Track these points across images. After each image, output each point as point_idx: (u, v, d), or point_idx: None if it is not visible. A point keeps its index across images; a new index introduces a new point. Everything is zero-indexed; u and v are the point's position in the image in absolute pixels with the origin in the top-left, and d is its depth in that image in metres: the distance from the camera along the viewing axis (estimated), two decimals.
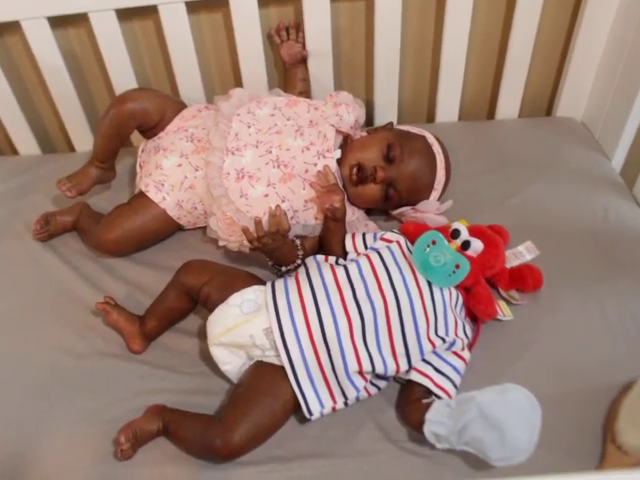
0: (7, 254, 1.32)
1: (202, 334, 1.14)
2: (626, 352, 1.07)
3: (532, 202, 1.34)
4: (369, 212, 1.31)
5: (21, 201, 1.43)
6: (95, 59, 1.47)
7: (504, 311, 1.12)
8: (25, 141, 1.56)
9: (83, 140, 1.56)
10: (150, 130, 1.30)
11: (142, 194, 1.27)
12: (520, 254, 1.20)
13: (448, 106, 1.54)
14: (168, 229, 1.30)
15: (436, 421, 0.92)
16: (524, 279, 1.15)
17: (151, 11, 1.36)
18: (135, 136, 1.35)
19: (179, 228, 1.32)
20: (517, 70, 1.48)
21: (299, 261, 1.15)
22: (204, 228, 1.31)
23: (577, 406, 1.00)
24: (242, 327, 1.01)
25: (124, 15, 1.36)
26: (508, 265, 1.17)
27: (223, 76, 1.51)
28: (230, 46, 1.45)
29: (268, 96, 1.30)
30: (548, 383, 1.02)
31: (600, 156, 1.45)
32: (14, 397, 1.08)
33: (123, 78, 1.43)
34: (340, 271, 1.04)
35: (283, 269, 1.15)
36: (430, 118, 1.60)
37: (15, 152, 1.61)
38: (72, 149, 1.61)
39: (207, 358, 1.09)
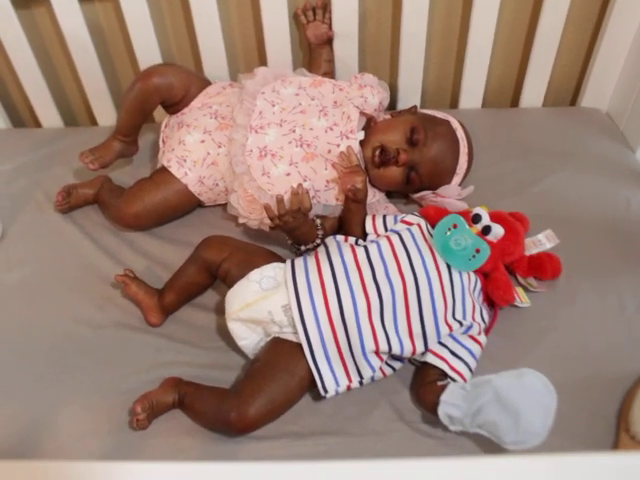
0: (28, 224, 1.33)
1: (220, 310, 1.16)
2: None
3: (554, 191, 1.33)
4: (389, 195, 1.31)
5: (43, 173, 1.44)
6: (121, 34, 1.47)
7: (522, 298, 1.12)
8: (48, 114, 1.57)
9: (106, 114, 1.56)
10: (174, 106, 1.31)
11: (164, 169, 1.27)
12: (540, 242, 1.19)
13: (472, 92, 1.53)
14: (189, 205, 1.30)
15: (451, 403, 0.93)
16: (543, 267, 1.15)
17: None
18: (157, 112, 1.35)
19: (199, 204, 1.33)
20: (543, 58, 1.46)
21: (319, 241, 1.15)
22: (224, 205, 1.31)
23: (592, 394, 1.01)
24: (261, 303, 1.01)
25: None
26: (527, 253, 1.17)
27: (247, 55, 1.51)
28: (256, 25, 1.45)
29: (293, 76, 1.30)
30: (564, 371, 1.01)
31: (624, 148, 1.43)
32: (32, 365, 1.09)
33: (148, 54, 1.43)
34: (360, 251, 1.04)
35: (302, 248, 1.16)
36: (454, 104, 1.59)
37: (38, 125, 1.62)
38: (94, 123, 1.62)
39: (224, 333, 1.10)
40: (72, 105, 1.63)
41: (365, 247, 1.06)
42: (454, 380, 0.98)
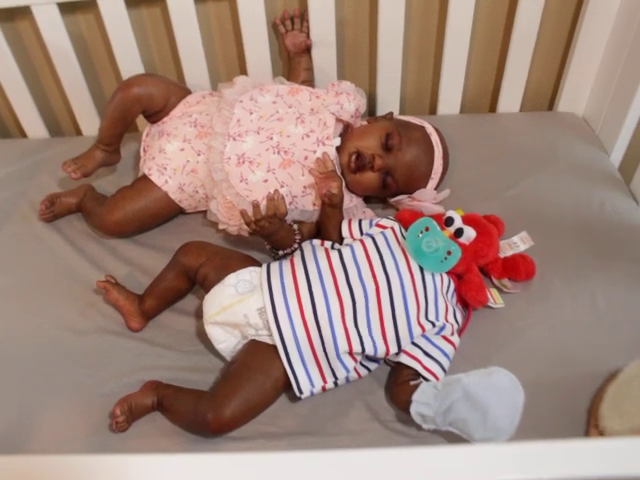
0: (12, 233, 1.36)
1: (199, 314, 1.17)
2: (614, 342, 1.08)
3: (529, 194, 1.35)
4: (367, 200, 1.33)
5: (28, 182, 1.46)
6: (103, 45, 1.50)
7: (495, 298, 1.14)
8: (34, 124, 1.60)
9: (90, 124, 1.59)
10: (155, 115, 1.33)
11: (145, 177, 1.30)
12: (514, 244, 1.22)
13: (450, 99, 1.55)
14: (169, 212, 1.33)
15: (422, 402, 0.94)
16: (517, 268, 1.17)
17: None
18: (140, 121, 1.38)
19: (180, 211, 1.35)
20: (519, 65, 1.49)
21: (296, 245, 1.17)
22: (205, 212, 1.33)
23: (563, 391, 1.02)
24: (237, 306, 1.03)
25: (132, 2, 1.39)
26: (502, 255, 1.19)
27: (228, 64, 1.54)
28: (236, 34, 1.48)
29: (271, 84, 1.32)
30: (536, 369, 1.03)
31: (599, 151, 1.46)
32: (15, 369, 1.11)
33: (130, 64, 1.45)
34: (334, 255, 1.07)
35: (280, 253, 1.18)
36: (432, 110, 1.61)
37: (24, 135, 1.64)
38: (79, 133, 1.64)
39: (203, 337, 1.12)
40: (57, 115, 1.66)
41: (339, 251, 1.08)
42: (427, 380, 1.00)
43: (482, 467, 0.57)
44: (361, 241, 1.09)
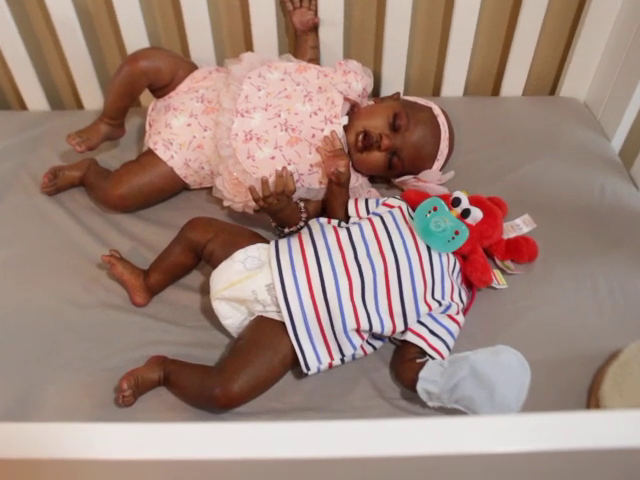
0: (14, 206, 1.34)
1: (204, 290, 1.18)
2: (614, 323, 1.11)
3: (531, 178, 1.37)
4: (372, 179, 1.34)
5: (29, 155, 1.44)
6: (108, 17, 1.47)
7: (499, 279, 1.15)
8: (34, 96, 1.57)
9: (92, 97, 1.57)
10: (161, 89, 1.32)
11: (150, 152, 1.29)
12: (517, 226, 1.23)
13: (454, 81, 1.56)
14: (174, 187, 1.32)
15: (429, 379, 0.96)
16: (520, 250, 1.18)
17: None
18: (143, 96, 1.36)
19: (185, 187, 1.34)
20: (524, 49, 1.50)
21: (302, 223, 1.17)
22: (209, 189, 1.33)
23: (565, 371, 1.04)
24: (245, 282, 1.04)
25: None
26: (505, 236, 1.21)
27: (234, 40, 1.52)
28: (243, 10, 1.46)
29: (279, 61, 1.31)
30: (538, 349, 1.05)
31: (600, 137, 1.47)
32: (18, 342, 1.10)
33: (135, 37, 1.43)
34: (343, 233, 1.07)
35: (286, 230, 1.18)
36: (436, 92, 1.62)
37: (24, 107, 1.62)
38: (80, 106, 1.62)
39: (208, 313, 1.12)
40: (58, 88, 1.63)
41: (347, 229, 1.08)
42: (432, 358, 1.01)
43: (485, 438, 0.58)
44: (369, 219, 1.10)
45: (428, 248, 1.06)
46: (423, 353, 1.03)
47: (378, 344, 1.08)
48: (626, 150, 1.44)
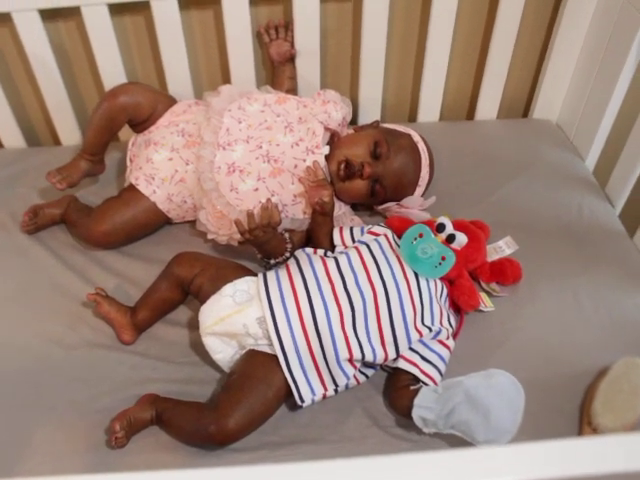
0: None
1: (192, 325, 1.17)
2: (601, 340, 1.13)
3: (510, 199, 1.40)
4: (354, 207, 1.35)
5: (7, 193, 1.42)
6: (84, 53, 1.47)
7: (486, 302, 1.17)
8: (10, 134, 1.55)
9: (70, 134, 1.56)
10: (141, 124, 1.32)
11: (132, 187, 1.28)
12: (500, 249, 1.25)
13: (430, 107, 1.59)
14: (157, 222, 1.31)
15: (424, 406, 0.96)
16: (504, 272, 1.20)
17: (143, 7, 1.37)
18: (122, 131, 1.35)
19: (167, 222, 1.34)
20: (497, 74, 1.54)
21: (288, 254, 1.18)
22: (192, 222, 1.33)
23: (556, 390, 1.06)
24: (235, 317, 1.03)
25: (115, 10, 1.38)
26: (489, 259, 1.22)
27: (211, 73, 1.54)
28: (219, 43, 1.48)
29: (258, 93, 1.32)
30: (527, 370, 1.05)
31: (574, 157, 1.51)
32: (3, 387, 1.08)
33: (112, 73, 1.43)
34: (331, 262, 1.07)
35: (272, 262, 1.18)
36: (412, 118, 1.65)
37: None
38: (57, 143, 1.61)
39: (198, 348, 1.11)
40: (35, 125, 1.62)
41: (335, 258, 1.09)
42: (425, 384, 1.02)
43: (484, 470, 0.58)
44: (356, 248, 1.10)
45: (415, 275, 1.07)
46: (416, 380, 1.03)
47: (370, 372, 1.08)
48: (600, 169, 1.48)
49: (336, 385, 1.03)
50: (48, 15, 1.38)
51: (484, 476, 0.57)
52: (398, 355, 1.04)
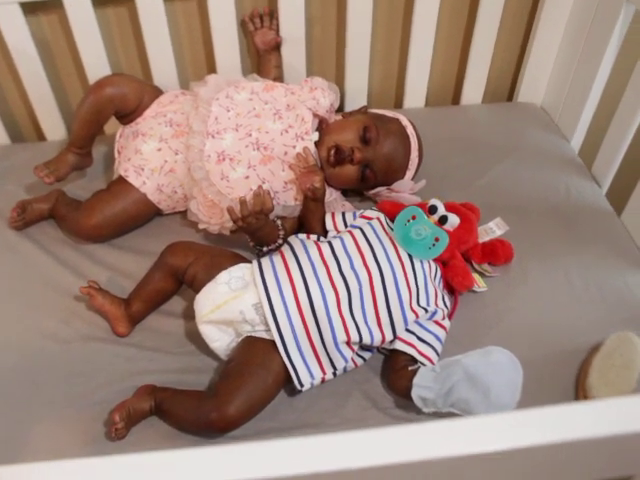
0: None
1: (187, 315, 1.16)
2: (592, 317, 1.15)
3: (498, 182, 1.41)
4: (345, 193, 1.35)
5: None
6: (67, 47, 1.45)
7: (479, 283, 1.18)
8: None
9: (54, 128, 1.54)
10: (127, 116, 1.31)
11: (121, 179, 1.27)
12: (491, 230, 1.26)
13: (416, 92, 1.59)
14: (148, 214, 1.31)
15: (423, 385, 0.97)
16: (496, 253, 1.21)
17: None
18: (107, 123, 1.34)
19: (157, 213, 1.33)
20: (481, 58, 1.55)
21: (280, 241, 1.17)
22: (183, 212, 1.32)
23: (550, 367, 1.07)
24: (231, 303, 1.03)
25: (98, 1, 1.36)
26: (480, 240, 1.23)
27: (196, 63, 1.53)
28: (204, 33, 1.47)
29: (245, 81, 1.32)
30: (521, 348, 1.05)
31: (560, 139, 1.53)
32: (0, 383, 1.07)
33: (96, 66, 1.42)
34: (325, 247, 1.08)
35: (265, 249, 1.18)
36: (398, 104, 1.65)
37: None
38: (41, 138, 1.59)
39: (193, 338, 1.11)
40: (18, 120, 1.60)
41: (329, 242, 1.09)
42: (423, 364, 1.03)
43: (480, 437, 0.59)
44: (349, 232, 1.11)
45: (410, 256, 1.08)
46: (413, 360, 1.04)
47: (367, 355, 1.08)
48: (585, 150, 1.50)
49: (334, 369, 1.03)
50: (30, 8, 1.36)
51: (481, 444, 0.58)
52: (395, 337, 1.05)
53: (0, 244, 1.29)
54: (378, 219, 1.14)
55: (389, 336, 1.05)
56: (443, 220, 1.12)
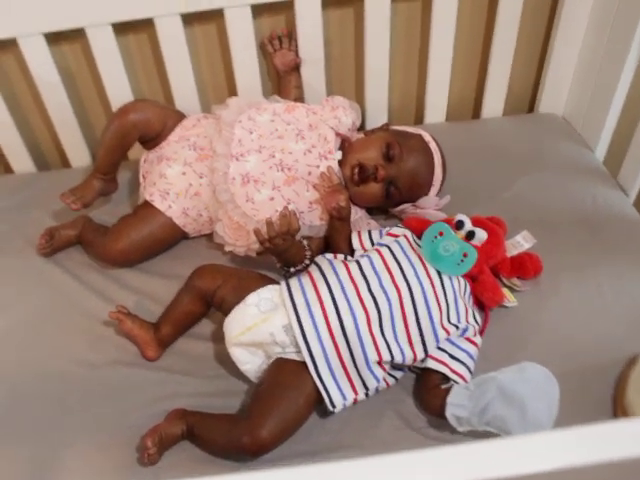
0: (11, 269, 1.32)
1: (216, 337, 1.16)
2: (626, 329, 1.13)
3: (524, 194, 1.40)
4: (370, 211, 1.35)
5: (20, 217, 1.42)
6: (90, 75, 1.48)
7: (509, 298, 1.16)
8: (20, 159, 1.56)
9: (79, 155, 1.56)
10: (151, 141, 1.32)
11: (147, 204, 1.28)
12: (518, 244, 1.24)
13: (436, 108, 1.59)
14: (174, 237, 1.31)
15: (457, 404, 0.95)
16: (525, 266, 1.20)
17: (146, 24, 1.38)
18: (130, 150, 1.36)
19: (184, 236, 1.34)
20: (500, 71, 1.54)
21: (307, 261, 1.17)
22: (208, 235, 1.33)
23: (586, 382, 1.05)
24: (261, 325, 1.03)
25: (119, 29, 1.38)
26: (508, 254, 1.22)
27: (217, 86, 1.54)
28: (224, 56, 1.48)
29: (266, 103, 1.33)
30: (556, 362, 1.03)
31: (583, 148, 1.51)
32: (30, 409, 1.08)
33: (119, 92, 1.44)
34: (353, 266, 1.07)
35: (292, 270, 1.17)
36: (418, 120, 1.65)
37: (8, 170, 1.60)
38: (66, 165, 1.61)
39: (223, 360, 1.11)
40: (43, 149, 1.62)
41: (357, 261, 1.08)
42: (456, 382, 1.01)
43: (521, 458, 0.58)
44: (377, 250, 1.10)
45: (438, 273, 1.07)
46: (446, 379, 1.02)
47: (399, 374, 1.07)
48: (610, 158, 1.48)
49: (367, 389, 1.03)
50: (53, 39, 1.38)
51: (521, 465, 0.57)
52: (426, 355, 1.04)
53: (29, 270, 1.31)
54: (405, 236, 1.14)
55: (420, 354, 1.04)
56: (470, 235, 1.11)
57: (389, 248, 1.10)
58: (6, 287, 1.29)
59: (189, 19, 1.40)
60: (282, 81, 1.47)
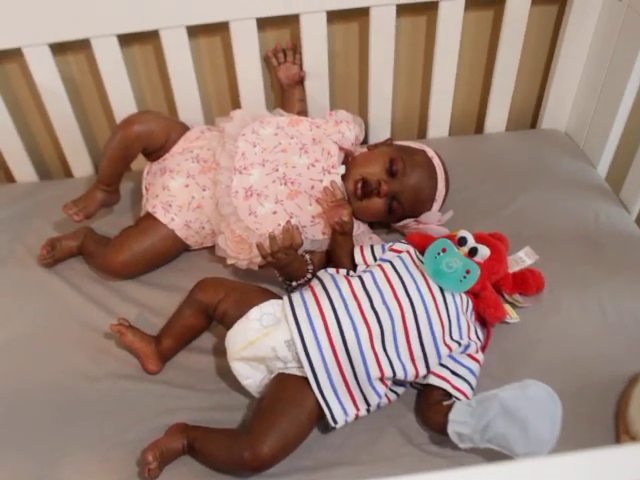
0: (11, 280, 1.31)
1: (217, 351, 1.16)
2: (628, 346, 1.13)
3: (526, 210, 1.40)
4: (372, 226, 1.35)
5: (22, 227, 1.42)
6: (94, 85, 1.48)
7: (510, 314, 1.17)
8: (23, 168, 1.55)
9: (81, 166, 1.56)
10: (155, 152, 1.32)
11: (149, 216, 1.28)
12: (520, 259, 1.25)
13: (439, 122, 1.60)
14: (176, 250, 1.31)
15: (459, 421, 0.95)
16: (527, 282, 1.20)
17: (151, 36, 1.38)
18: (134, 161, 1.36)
19: (185, 249, 1.33)
20: (503, 86, 1.55)
21: (309, 275, 1.17)
22: (210, 248, 1.33)
23: (587, 400, 1.05)
24: (263, 340, 1.02)
25: (124, 40, 1.39)
26: (510, 270, 1.22)
27: (221, 99, 1.55)
28: (228, 69, 1.49)
29: (270, 116, 1.33)
30: (557, 380, 1.03)
31: (586, 164, 1.52)
32: (30, 422, 1.07)
33: (123, 103, 1.44)
34: (355, 281, 1.07)
35: (294, 284, 1.17)
36: (421, 134, 1.66)
37: (10, 179, 1.60)
38: (68, 175, 1.61)
39: (224, 374, 1.11)
40: (46, 158, 1.62)
41: (360, 277, 1.08)
42: (457, 399, 1.01)
43: None
44: (380, 266, 1.10)
45: (441, 289, 1.07)
46: (447, 395, 1.02)
47: (400, 390, 1.07)
48: (612, 175, 1.49)
49: (368, 405, 1.02)
50: (58, 49, 1.39)
51: None
52: (429, 371, 1.04)
53: (30, 281, 1.30)
54: (408, 252, 1.13)
55: (422, 371, 1.03)
56: (473, 252, 1.11)
57: (392, 264, 1.10)
58: (6, 297, 1.28)
59: (194, 31, 1.40)
60: (286, 94, 1.48)
